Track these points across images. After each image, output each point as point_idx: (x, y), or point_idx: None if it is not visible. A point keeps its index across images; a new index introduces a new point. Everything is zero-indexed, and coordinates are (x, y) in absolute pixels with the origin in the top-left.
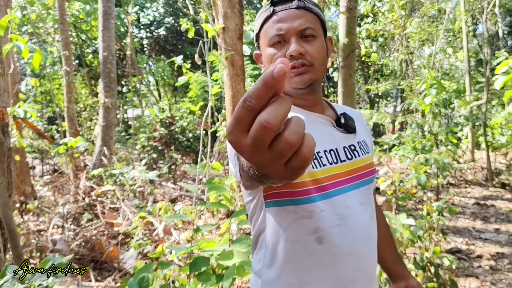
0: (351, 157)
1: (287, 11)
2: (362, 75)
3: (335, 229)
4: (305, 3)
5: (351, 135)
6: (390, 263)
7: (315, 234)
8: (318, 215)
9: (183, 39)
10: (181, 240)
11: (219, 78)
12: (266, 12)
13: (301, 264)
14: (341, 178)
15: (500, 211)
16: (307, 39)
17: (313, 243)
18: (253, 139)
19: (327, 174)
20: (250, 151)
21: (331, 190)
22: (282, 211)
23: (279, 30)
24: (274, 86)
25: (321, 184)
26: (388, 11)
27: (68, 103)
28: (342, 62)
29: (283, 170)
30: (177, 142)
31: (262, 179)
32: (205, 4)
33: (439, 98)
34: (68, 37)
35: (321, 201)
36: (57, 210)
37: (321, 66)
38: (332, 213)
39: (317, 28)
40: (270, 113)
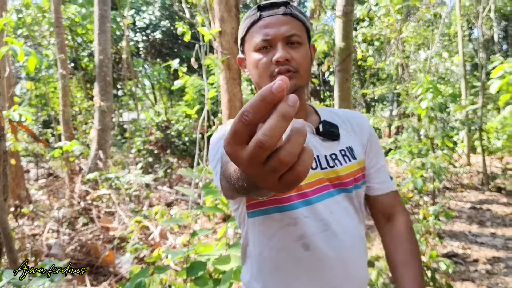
0: (333, 165)
1: (274, 17)
2: (358, 79)
3: (321, 235)
4: (291, 10)
5: (334, 142)
6: (395, 274)
7: (301, 241)
8: (302, 221)
9: (179, 43)
10: (177, 244)
11: (215, 81)
12: (253, 17)
13: (289, 272)
14: (323, 184)
15: (496, 215)
16: (293, 45)
17: (300, 250)
18: (249, 154)
19: (309, 180)
20: (246, 164)
21: (313, 196)
22: (267, 220)
23: (266, 35)
24: (272, 101)
25: (303, 190)
26: (384, 15)
27: (64, 107)
28: (338, 66)
29: (276, 183)
30: (173, 145)
31: (250, 191)
32: (201, 7)
33: (435, 102)
34: (64, 40)
35: (304, 207)
36: (52, 214)
37: (305, 72)
38: (316, 219)
39: (302, 35)
40: (266, 133)
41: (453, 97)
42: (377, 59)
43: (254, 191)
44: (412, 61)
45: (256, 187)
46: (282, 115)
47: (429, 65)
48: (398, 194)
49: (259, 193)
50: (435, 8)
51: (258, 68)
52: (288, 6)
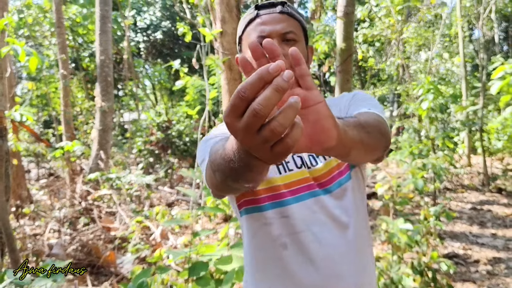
0: (316, 163)
1: (270, 15)
2: (359, 80)
3: (300, 235)
4: (288, 9)
5: None
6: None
7: (279, 241)
8: (278, 221)
9: (180, 43)
10: (178, 245)
11: (216, 82)
12: (250, 15)
13: (270, 271)
14: (307, 183)
15: (496, 216)
16: (288, 43)
17: (279, 249)
18: (244, 123)
19: (294, 179)
20: (242, 133)
21: (292, 196)
22: (250, 219)
23: (262, 32)
24: (268, 80)
25: (285, 190)
26: (385, 16)
27: (65, 107)
28: (339, 67)
29: (269, 153)
30: (174, 146)
31: (241, 174)
32: (202, 8)
33: (435, 103)
34: (65, 41)
35: (284, 207)
36: (53, 214)
37: None
38: (296, 218)
39: (299, 33)
40: (261, 103)
41: (453, 98)
42: (378, 59)
43: (244, 174)
44: (413, 62)
45: (248, 167)
46: (276, 87)
47: (430, 66)
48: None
49: (249, 177)
50: (436, 9)
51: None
52: (285, 5)
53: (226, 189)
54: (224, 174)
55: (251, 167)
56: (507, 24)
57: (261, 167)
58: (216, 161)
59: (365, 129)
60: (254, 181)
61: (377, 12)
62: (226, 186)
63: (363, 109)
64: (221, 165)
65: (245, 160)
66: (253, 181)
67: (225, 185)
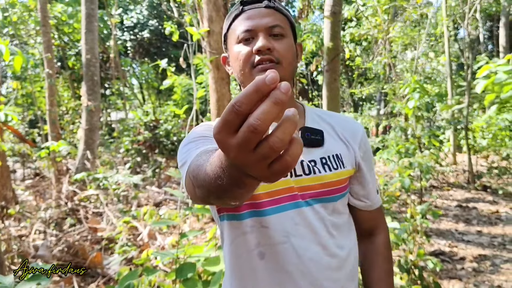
0: (308, 172)
1: (256, 9)
2: (346, 79)
3: (279, 247)
4: (274, 3)
5: (315, 149)
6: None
7: (257, 250)
8: (258, 230)
9: (167, 42)
10: (166, 245)
11: (204, 81)
12: (235, 11)
13: (246, 279)
14: (294, 192)
15: (482, 214)
16: (275, 37)
17: (255, 259)
18: (240, 140)
19: (278, 187)
20: (236, 151)
21: (272, 206)
22: (229, 225)
23: (247, 26)
24: (265, 93)
25: (268, 198)
26: (372, 15)
27: (50, 106)
28: (326, 66)
29: (266, 171)
30: (161, 145)
31: (228, 192)
32: (189, 7)
33: (422, 102)
34: (50, 39)
35: (264, 217)
36: (39, 215)
37: (289, 65)
38: (276, 229)
39: (286, 28)
40: (259, 117)
41: (439, 96)
42: (365, 59)
43: (232, 192)
44: (399, 60)
45: (238, 185)
46: (274, 101)
47: (416, 65)
48: (382, 209)
49: (238, 195)
50: (422, 9)
51: (239, 59)
52: (271, 0)
53: (207, 203)
54: (209, 191)
55: (243, 185)
56: (491, 24)
57: (254, 185)
58: (200, 177)
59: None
60: (241, 199)
61: (364, 11)
62: (207, 202)
63: (374, 192)
64: (205, 181)
65: (236, 178)
66: (241, 199)
67: (206, 201)
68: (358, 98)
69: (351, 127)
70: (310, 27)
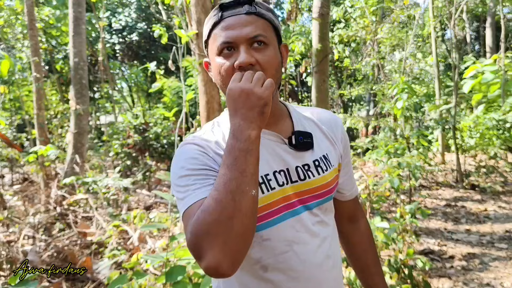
0: (304, 177)
1: (236, 17)
2: (335, 80)
3: (281, 257)
4: (256, 8)
5: (307, 152)
6: (369, 273)
7: (259, 264)
8: (260, 245)
9: (156, 45)
10: (156, 248)
11: (193, 83)
12: (214, 18)
13: None
14: (291, 200)
15: (470, 212)
16: (258, 47)
17: (259, 271)
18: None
19: (276, 198)
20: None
21: (278, 215)
22: None
23: (227, 37)
24: None
25: (267, 210)
26: (360, 17)
27: (38, 110)
28: (315, 67)
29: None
30: (151, 148)
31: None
32: (178, 9)
33: (410, 102)
34: (38, 43)
35: (265, 230)
36: (28, 220)
37: (274, 76)
38: (278, 240)
39: (269, 35)
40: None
41: (427, 97)
42: (354, 60)
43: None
44: (388, 61)
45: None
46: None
47: (404, 66)
48: (358, 197)
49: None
50: (409, 10)
51: (220, 73)
52: (252, 3)
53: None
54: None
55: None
56: (478, 24)
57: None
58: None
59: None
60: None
61: (352, 13)
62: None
63: (353, 183)
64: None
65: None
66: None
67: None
68: (347, 99)
69: (332, 122)
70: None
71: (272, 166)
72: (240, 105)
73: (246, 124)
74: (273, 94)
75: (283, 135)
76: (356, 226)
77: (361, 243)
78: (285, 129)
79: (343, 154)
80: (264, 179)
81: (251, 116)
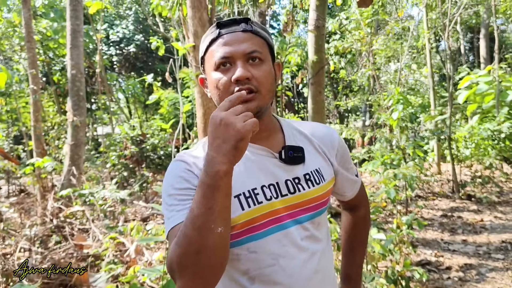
0: (293, 191)
1: (233, 34)
2: (331, 91)
3: (267, 270)
4: (252, 26)
5: (298, 166)
6: (349, 265)
7: (246, 276)
8: (247, 257)
9: (153, 56)
10: (153, 261)
11: (190, 94)
12: (212, 35)
13: None
14: (280, 214)
15: (466, 223)
16: (253, 63)
17: (246, 283)
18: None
19: (263, 212)
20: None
21: (265, 229)
22: None
23: (225, 53)
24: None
25: (254, 224)
26: (355, 29)
27: (35, 122)
28: (311, 79)
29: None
30: (148, 160)
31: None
32: (175, 22)
33: (405, 113)
34: (35, 55)
35: (251, 242)
36: (24, 232)
37: (268, 92)
38: (264, 253)
39: (264, 52)
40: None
41: (422, 107)
42: (350, 71)
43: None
44: (383, 72)
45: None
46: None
47: (399, 77)
48: (363, 185)
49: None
50: (404, 22)
51: (218, 88)
52: (248, 22)
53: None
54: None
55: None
56: (472, 35)
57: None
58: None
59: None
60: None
61: (347, 25)
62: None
63: (356, 184)
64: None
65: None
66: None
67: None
68: (343, 109)
69: (327, 137)
70: (295, 41)
71: (260, 181)
72: (217, 134)
73: (217, 158)
74: (265, 112)
75: (274, 149)
76: (352, 213)
77: (353, 228)
78: (276, 144)
79: (340, 165)
80: (251, 193)
81: (224, 148)
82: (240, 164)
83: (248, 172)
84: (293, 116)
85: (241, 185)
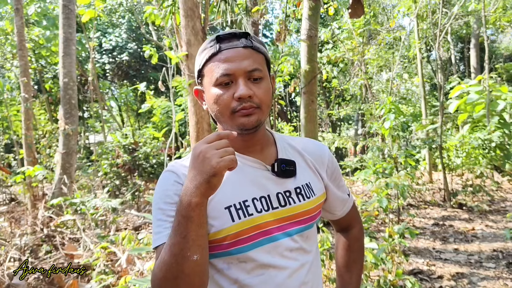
0: (284, 204)
1: (234, 50)
2: (324, 100)
3: (256, 279)
4: (252, 42)
5: (289, 179)
6: (346, 285)
7: (237, 283)
8: (237, 266)
9: (146, 65)
10: (145, 270)
11: (183, 103)
12: (212, 49)
13: None
14: (270, 226)
15: (458, 231)
16: (255, 81)
17: None
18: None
19: (253, 224)
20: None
21: (254, 241)
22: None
23: (227, 70)
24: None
25: (243, 236)
26: (347, 38)
27: (26, 130)
28: (303, 88)
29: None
30: (140, 168)
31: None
32: (168, 30)
33: (397, 122)
34: (27, 63)
35: (241, 254)
36: (14, 242)
37: (267, 108)
38: (254, 263)
39: (263, 69)
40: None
41: (414, 116)
42: (342, 80)
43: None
44: (375, 81)
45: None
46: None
47: (391, 86)
48: (355, 205)
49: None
50: (395, 32)
51: (218, 103)
52: (248, 37)
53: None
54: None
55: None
56: (462, 45)
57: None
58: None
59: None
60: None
61: (339, 34)
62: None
63: (348, 203)
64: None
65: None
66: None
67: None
68: (336, 118)
69: (318, 153)
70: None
71: (252, 193)
72: (194, 165)
73: (190, 189)
74: (262, 125)
75: (266, 162)
76: (345, 234)
77: (345, 247)
78: (269, 157)
79: (330, 180)
80: (242, 205)
81: (198, 180)
82: (232, 174)
83: (240, 184)
84: (285, 125)
85: (232, 197)
